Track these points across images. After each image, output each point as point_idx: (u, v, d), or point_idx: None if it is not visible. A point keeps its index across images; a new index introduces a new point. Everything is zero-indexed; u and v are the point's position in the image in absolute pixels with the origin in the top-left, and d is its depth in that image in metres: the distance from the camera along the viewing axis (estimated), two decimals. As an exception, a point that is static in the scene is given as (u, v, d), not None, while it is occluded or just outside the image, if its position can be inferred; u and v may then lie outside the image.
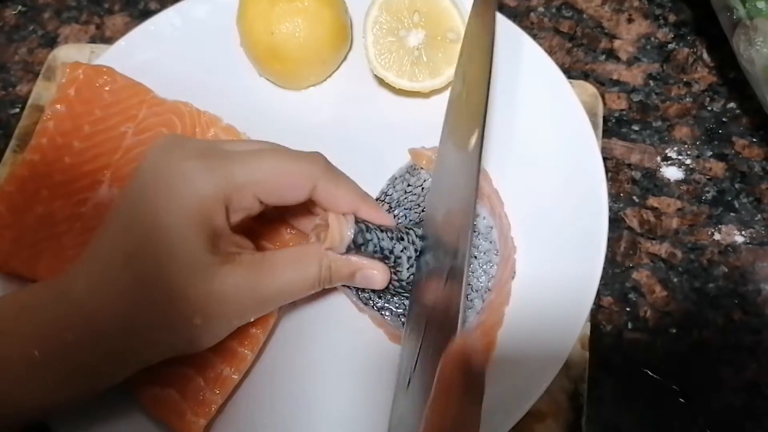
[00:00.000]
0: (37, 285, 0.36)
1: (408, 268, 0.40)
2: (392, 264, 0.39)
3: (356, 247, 0.38)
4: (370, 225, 0.39)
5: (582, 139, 0.45)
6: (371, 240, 0.38)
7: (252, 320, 0.38)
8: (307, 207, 0.41)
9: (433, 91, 0.48)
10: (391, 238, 0.39)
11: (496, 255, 0.42)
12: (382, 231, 0.39)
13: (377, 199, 0.45)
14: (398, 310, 0.41)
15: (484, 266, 0.42)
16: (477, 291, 0.41)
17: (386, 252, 0.39)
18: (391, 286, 0.40)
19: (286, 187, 0.37)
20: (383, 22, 0.48)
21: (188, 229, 0.34)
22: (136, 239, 0.34)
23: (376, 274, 0.39)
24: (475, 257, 0.42)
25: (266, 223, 0.43)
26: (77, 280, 0.35)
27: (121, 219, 0.35)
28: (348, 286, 0.41)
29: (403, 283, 0.41)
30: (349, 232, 0.38)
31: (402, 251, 0.40)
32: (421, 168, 0.45)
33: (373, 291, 0.41)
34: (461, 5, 0.48)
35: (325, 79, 0.51)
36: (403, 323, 0.41)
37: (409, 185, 0.45)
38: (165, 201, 0.34)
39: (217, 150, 0.37)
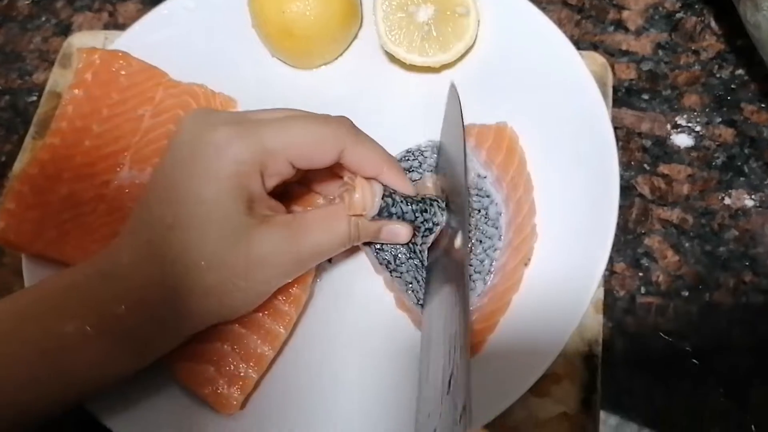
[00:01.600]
0: (83, 264, 0.37)
1: (422, 237, 0.42)
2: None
3: (380, 217, 0.39)
4: (396, 197, 0.40)
5: (593, 109, 0.46)
6: (395, 213, 0.40)
7: (290, 281, 0.40)
8: (332, 171, 0.42)
9: (444, 66, 0.49)
10: (414, 210, 0.40)
11: (498, 240, 0.43)
12: (407, 203, 0.40)
13: (413, 152, 0.46)
14: (408, 275, 0.42)
15: (487, 250, 0.42)
16: (479, 273, 0.42)
17: (408, 220, 0.40)
18: (406, 250, 0.42)
19: (317, 150, 0.38)
20: (393, -2, 0.48)
21: (226, 195, 0.35)
22: (175, 209, 0.36)
23: (400, 229, 0.41)
24: (480, 242, 0.43)
25: (297, 190, 0.44)
26: (121, 255, 0.36)
27: (159, 192, 0.37)
28: (369, 245, 0.42)
29: (417, 249, 0.42)
30: (376, 205, 0.39)
31: (422, 222, 0.41)
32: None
33: (391, 253, 0.42)
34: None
35: (336, 58, 0.51)
36: (411, 289, 0.42)
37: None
38: (201, 170, 0.36)
39: (248, 118, 0.38)
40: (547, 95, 0.47)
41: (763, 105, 0.50)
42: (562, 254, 0.43)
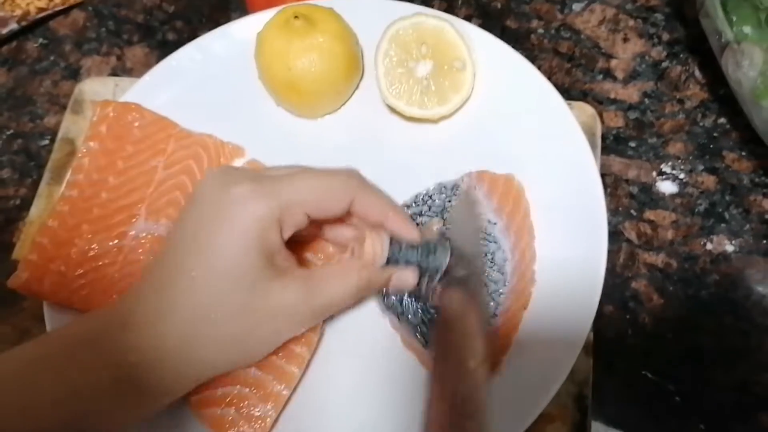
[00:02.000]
0: (99, 311, 0.39)
1: (428, 279, 0.44)
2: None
3: (388, 264, 0.42)
4: (402, 244, 0.43)
5: (582, 160, 0.48)
6: (402, 258, 0.43)
7: (301, 332, 0.42)
8: (341, 218, 0.45)
9: (442, 118, 0.51)
10: (420, 254, 0.43)
11: (503, 285, 0.45)
12: (412, 248, 0.43)
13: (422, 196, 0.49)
14: (415, 318, 0.45)
15: (492, 293, 0.45)
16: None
17: (413, 265, 0.43)
18: (412, 294, 0.45)
19: (330, 202, 0.41)
20: (393, 55, 0.51)
21: (247, 249, 0.38)
22: (194, 262, 0.38)
23: (407, 276, 0.43)
24: (485, 285, 0.45)
25: (306, 236, 0.46)
26: (139, 306, 0.38)
27: (180, 246, 0.39)
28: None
29: (423, 291, 0.44)
30: (385, 253, 0.42)
31: (427, 266, 0.43)
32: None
33: (397, 298, 0.45)
34: (466, 36, 0.51)
35: (339, 108, 0.54)
36: (419, 332, 0.45)
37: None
38: (223, 226, 0.38)
39: (265, 175, 0.41)
40: (539, 145, 0.50)
41: (743, 153, 0.53)
42: (554, 301, 0.45)
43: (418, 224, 0.48)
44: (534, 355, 0.44)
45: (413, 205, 0.49)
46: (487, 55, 0.52)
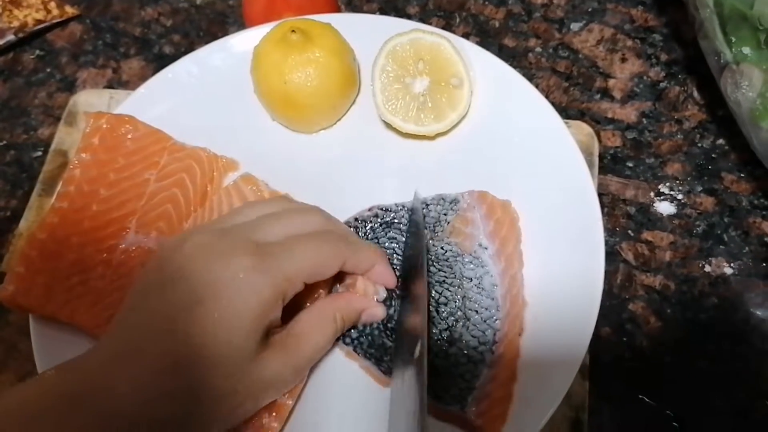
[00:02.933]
0: (75, 375, 0.36)
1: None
2: None
3: None
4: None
5: (579, 179, 0.48)
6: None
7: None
8: None
9: (438, 134, 0.51)
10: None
11: (497, 311, 0.45)
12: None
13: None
14: (370, 349, 0.44)
15: (487, 321, 0.44)
16: (485, 344, 0.44)
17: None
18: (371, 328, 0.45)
19: (325, 268, 0.41)
20: (390, 71, 0.50)
21: (248, 334, 0.37)
22: (187, 346, 0.35)
23: (376, 311, 0.44)
24: (477, 311, 0.44)
25: None
26: (120, 381, 0.35)
27: (167, 322, 0.36)
28: None
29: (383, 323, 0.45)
30: (381, 289, 0.44)
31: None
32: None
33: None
34: (463, 53, 0.51)
35: (335, 123, 0.53)
36: (373, 357, 0.44)
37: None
38: (223, 310, 0.36)
39: (258, 247, 0.39)
40: (535, 163, 0.49)
41: (742, 174, 0.53)
42: (549, 323, 0.44)
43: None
44: (529, 377, 0.43)
45: (414, 210, 0.48)
46: (485, 73, 0.52)
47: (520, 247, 0.46)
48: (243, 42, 0.55)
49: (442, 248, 0.47)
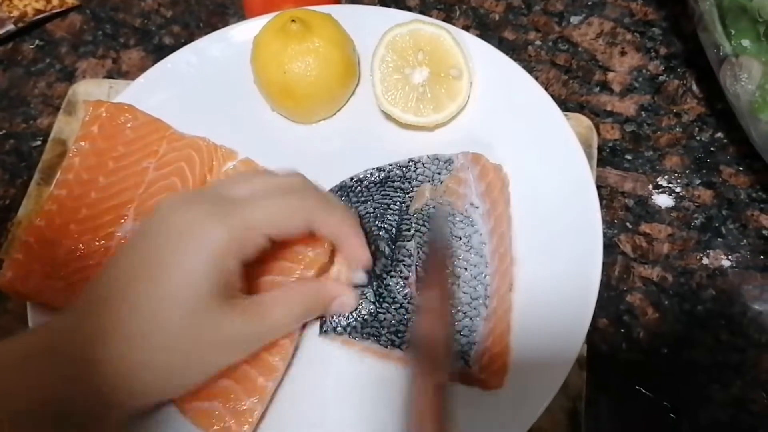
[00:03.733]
0: (52, 325, 0.38)
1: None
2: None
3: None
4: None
5: (577, 170, 0.48)
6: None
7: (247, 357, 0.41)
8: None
9: (438, 125, 0.51)
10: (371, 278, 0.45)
11: (486, 267, 0.45)
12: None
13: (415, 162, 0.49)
14: (365, 329, 0.44)
15: (477, 277, 0.45)
16: (477, 299, 0.44)
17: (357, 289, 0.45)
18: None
19: (289, 223, 0.41)
20: (389, 61, 0.50)
21: (202, 277, 0.37)
22: (149, 294, 0.36)
23: (347, 300, 0.44)
24: (465, 269, 0.45)
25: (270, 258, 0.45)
26: (84, 323, 0.36)
27: (126, 268, 0.37)
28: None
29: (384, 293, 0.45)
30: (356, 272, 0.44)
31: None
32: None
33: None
34: (463, 44, 0.51)
35: (334, 114, 0.53)
36: (371, 336, 0.44)
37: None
38: (178, 250, 0.37)
39: (223, 198, 0.39)
40: (534, 155, 0.49)
41: (740, 168, 0.53)
42: (547, 314, 0.44)
43: (410, 189, 0.48)
44: (526, 367, 0.43)
45: (406, 168, 0.49)
46: (484, 65, 0.52)
47: (509, 209, 0.47)
48: (242, 33, 0.55)
49: (434, 207, 0.47)
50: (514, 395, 0.42)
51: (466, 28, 0.61)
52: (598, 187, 0.47)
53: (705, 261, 0.50)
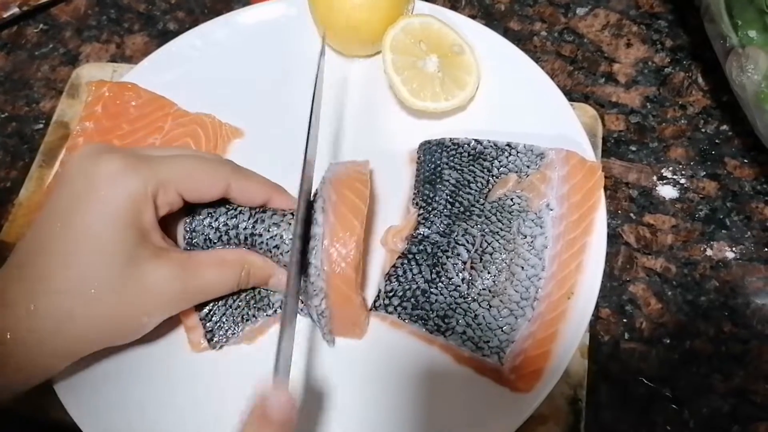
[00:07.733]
0: None
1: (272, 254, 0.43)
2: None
3: (190, 246, 0.43)
4: (196, 218, 0.43)
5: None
6: (202, 233, 0.43)
7: (173, 314, 0.41)
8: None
9: (470, 100, 0.51)
10: (222, 224, 0.43)
11: (542, 270, 0.44)
12: (211, 219, 0.43)
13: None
14: (415, 311, 0.44)
15: (531, 278, 0.44)
16: (527, 300, 0.43)
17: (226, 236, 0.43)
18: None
19: (203, 182, 0.41)
20: (400, 62, 0.50)
21: (120, 225, 0.37)
22: (68, 241, 0.37)
23: (283, 279, 0.43)
24: (522, 268, 0.44)
25: None
26: (12, 284, 0.37)
27: (51, 224, 0.38)
28: None
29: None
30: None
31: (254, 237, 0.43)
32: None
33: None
34: (450, 22, 0.52)
35: (372, 54, 0.54)
36: (420, 320, 0.43)
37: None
38: (94, 202, 0.37)
39: (138, 153, 0.40)
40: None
41: (745, 160, 0.53)
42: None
43: (497, 174, 0.47)
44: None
45: (501, 150, 0.48)
46: (490, 53, 0.52)
47: (594, 214, 0.46)
48: (247, 18, 0.55)
49: (511, 199, 0.46)
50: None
51: (472, 17, 0.60)
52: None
53: (708, 252, 0.50)
